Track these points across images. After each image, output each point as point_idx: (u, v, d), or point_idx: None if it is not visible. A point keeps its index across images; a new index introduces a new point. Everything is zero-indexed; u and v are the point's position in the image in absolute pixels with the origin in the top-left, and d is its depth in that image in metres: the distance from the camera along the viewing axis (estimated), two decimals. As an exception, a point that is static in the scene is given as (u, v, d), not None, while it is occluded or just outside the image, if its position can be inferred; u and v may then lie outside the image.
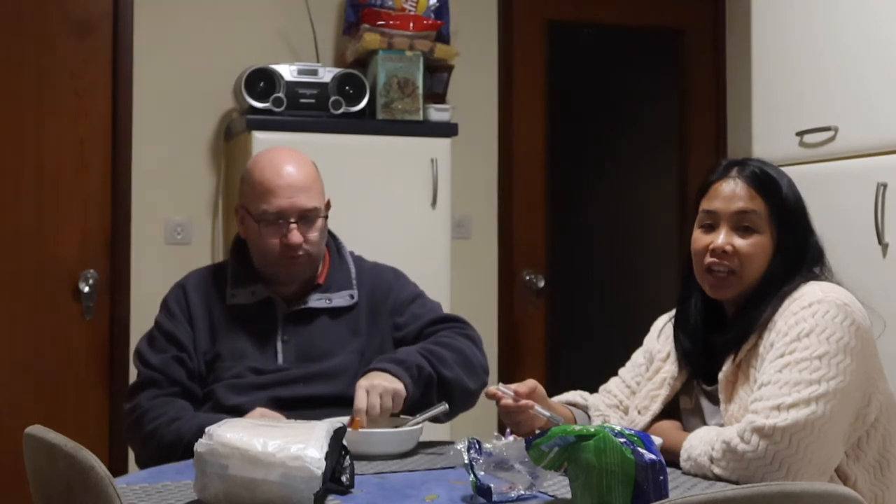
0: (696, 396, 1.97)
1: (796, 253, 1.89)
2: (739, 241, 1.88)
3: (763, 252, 1.88)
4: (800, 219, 1.93)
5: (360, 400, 2.04)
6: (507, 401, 1.94)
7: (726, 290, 1.90)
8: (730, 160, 1.97)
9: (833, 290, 1.82)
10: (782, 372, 1.73)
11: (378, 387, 2.07)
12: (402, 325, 2.33)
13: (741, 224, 1.88)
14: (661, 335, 2.08)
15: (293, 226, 2.22)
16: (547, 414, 1.95)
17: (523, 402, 1.94)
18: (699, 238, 1.93)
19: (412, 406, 2.14)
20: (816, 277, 1.89)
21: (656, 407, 1.96)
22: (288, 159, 2.28)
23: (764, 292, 1.86)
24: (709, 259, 1.90)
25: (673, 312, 2.05)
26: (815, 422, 1.67)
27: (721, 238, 1.89)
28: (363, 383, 2.08)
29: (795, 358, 1.73)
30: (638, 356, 2.15)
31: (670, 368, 2.00)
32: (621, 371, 2.17)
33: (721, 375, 1.87)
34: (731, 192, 1.90)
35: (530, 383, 1.98)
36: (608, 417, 2.07)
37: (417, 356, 2.19)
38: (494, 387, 1.97)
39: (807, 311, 1.78)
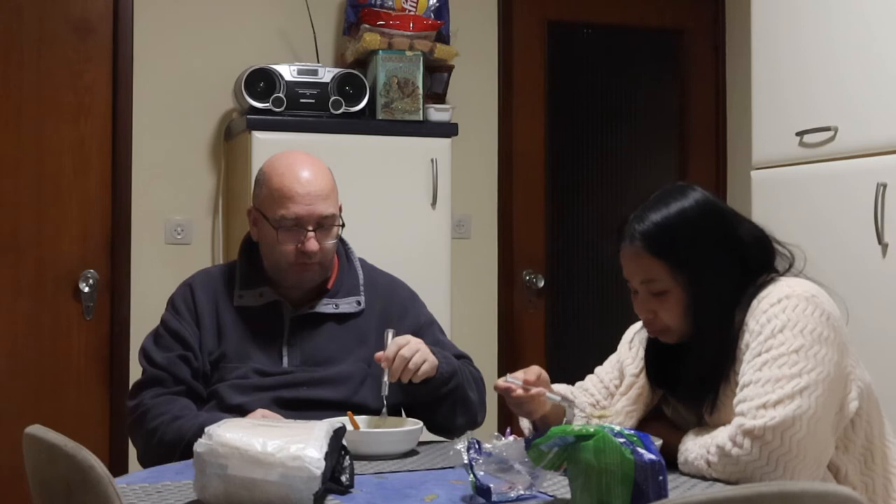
0: (674, 404, 1.97)
1: (728, 272, 1.85)
2: (657, 306, 1.87)
3: (679, 304, 1.85)
4: (713, 244, 1.85)
5: (390, 349, 2.10)
6: (519, 392, 1.95)
7: (670, 339, 1.91)
8: (627, 221, 1.90)
9: (799, 284, 1.83)
10: (762, 370, 1.73)
11: (414, 347, 2.11)
12: None
13: (651, 290, 1.87)
14: (631, 346, 2.08)
15: (311, 234, 2.22)
16: (557, 398, 1.96)
17: (534, 390, 1.95)
18: (633, 302, 1.93)
19: (421, 405, 2.17)
20: (775, 276, 1.87)
21: (632, 423, 1.96)
22: (306, 165, 2.27)
23: (706, 327, 1.85)
24: (644, 324, 1.95)
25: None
26: (802, 416, 1.68)
27: (642, 310, 1.90)
28: (400, 339, 2.13)
29: (773, 355, 1.74)
30: (613, 360, 2.15)
31: (645, 384, 2.00)
32: (598, 370, 2.17)
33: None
34: (629, 262, 1.89)
35: (535, 370, 1.98)
36: (590, 419, 2.07)
37: (455, 364, 2.24)
38: (502, 380, 1.97)
39: (776, 307, 1.78)
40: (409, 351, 2.10)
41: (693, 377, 1.87)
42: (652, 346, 1.99)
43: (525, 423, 2.11)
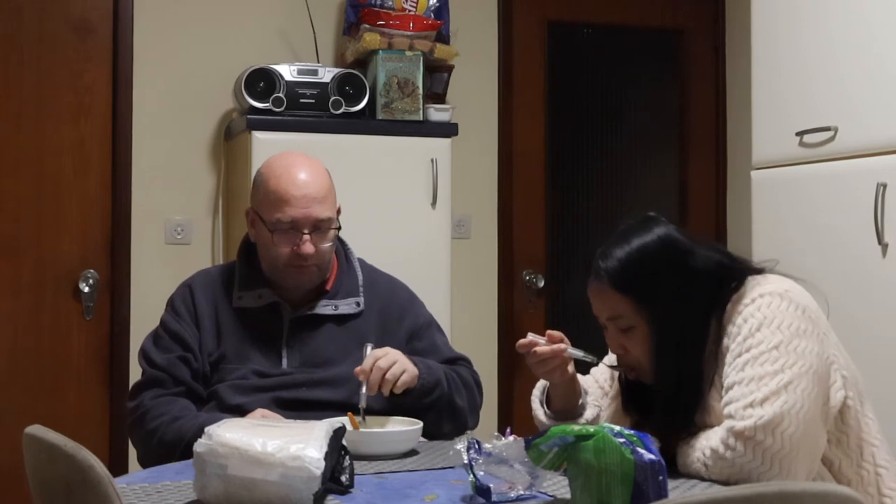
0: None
1: (690, 307, 1.84)
2: (625, 341, 1.89)
3: (646, 340, 1.86)
4: (674, 280, 1.85)
5: (367, 362, 2.08)
6: (543, 347, 1.95)
7: (646, 378, 1.91)
8: (594, 257, 1.90)
9: (770, 282, 1.84)
10: (745, 370, 1.74)
11: (392, 358, 2.10)
12: (422, 350, 2.32)
13: (619, 326, 1.89)
14: None
15: (306, 237, 2.21)
16: (579, 353, 1.96)
17: (557, 346, 1.95)
18: (606, 337, 1.95)
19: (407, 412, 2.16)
20: (747, 279, 1.87)
21: (626, 426, 1.96)
22: (303, 167, 2.26)
23: (667, 362, 1.85)
24: (616, 360, 1.96)
25: None
26: (790, 410, 1.68)
27: (612, 346, 1.92)
28: (377, 352, 2.11)
29: (753, 354, 1.75)
30: (607, 361, 2.15)
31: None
32: (594, 371, 2.16)
33: None
34: (596, 298, 1.90)
35: (559, 333, 1.98)
36: (601, 409, 2.07)
37: (441, 372, 2.23)
38: (526, 339, 1.96)
39: (751, 307, 1.80)
40: (385, 362, 2.09)
41: (660, 414, 1.86)
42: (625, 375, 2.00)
43: (536, 394, 2.09)
